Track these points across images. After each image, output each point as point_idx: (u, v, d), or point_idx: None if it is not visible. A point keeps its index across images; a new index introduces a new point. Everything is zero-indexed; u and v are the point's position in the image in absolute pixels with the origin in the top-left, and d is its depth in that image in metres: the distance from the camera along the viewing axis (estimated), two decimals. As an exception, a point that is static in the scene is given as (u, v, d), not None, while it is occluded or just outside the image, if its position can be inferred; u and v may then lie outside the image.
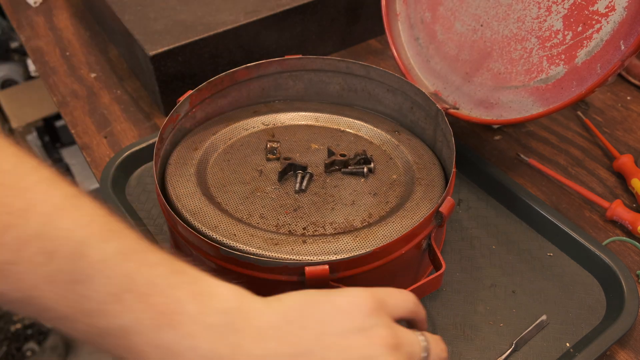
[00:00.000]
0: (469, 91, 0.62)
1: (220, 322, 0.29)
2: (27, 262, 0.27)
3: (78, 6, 0.93)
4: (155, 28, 0.69)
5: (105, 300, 0.27)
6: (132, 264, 0.28)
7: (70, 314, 0.28)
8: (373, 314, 0.32)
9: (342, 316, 0.32)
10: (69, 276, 0.27)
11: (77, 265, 0.27)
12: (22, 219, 0.27)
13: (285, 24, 0.73)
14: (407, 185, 0.54)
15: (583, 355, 0.45)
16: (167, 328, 0.28)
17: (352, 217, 0.50)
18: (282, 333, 0.30)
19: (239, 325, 0.29)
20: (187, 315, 0.28)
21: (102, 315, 0.28)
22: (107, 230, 0.29)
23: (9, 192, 0.27)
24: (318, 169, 0.55)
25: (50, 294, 0.27)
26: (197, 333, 0.28)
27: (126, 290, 0.28)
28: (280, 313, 0.31)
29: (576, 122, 0.71)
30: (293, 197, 0.52)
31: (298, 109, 0.63)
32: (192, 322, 0.28)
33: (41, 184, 0.29)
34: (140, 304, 0.28)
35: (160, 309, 0.28)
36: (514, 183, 0.59)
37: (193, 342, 0.28)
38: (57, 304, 0.27)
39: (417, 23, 0.66)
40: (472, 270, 0.54)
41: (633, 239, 0.56)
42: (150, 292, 0.28)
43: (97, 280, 0.27)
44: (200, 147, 0.56)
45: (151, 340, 0.28)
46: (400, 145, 0.58)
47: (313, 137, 0.60)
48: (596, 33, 0.50)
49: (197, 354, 0.28)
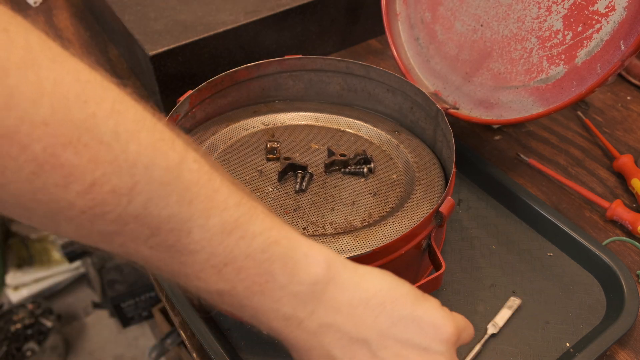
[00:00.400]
0: (469, 91, 0.62)
1: (305, 291, 0.32)
2: (130, 234, 0.28)
3: (78, 6, 0.93)
4: (155, 28, 0.69)
5: (205, 270, 0.30)
6: (232, 239, 0.30)
7: (169, 273, 0.31)
8: (444, 343, 0.33)
9: (416, 329, 0.33)
10: (173, 247, 0.29)
11: (182, 240, 0.29)
12: (127, 198, 0.27)
13: (285, 24, 0.73)
14: (407, 185, 0.54)
15: (583, 355, 0.45)
16: (258, 294, 0.31)
17: (352, 217, 0.50)
18: (355, 314, 0.32)
19: (321, 296, 0.32)
20: (277, 284, 0.31)
21: (200, 280, 0.31)
22: (210, 208, 0.30)
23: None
24: (318, 169, 0.55)
25: (153, 259, 0.30)
26: (283, 299, 0.31)
27: (225, 264, 0.30)
28: (363, 295, 0.33)
29: (576, 122, 0.71)
30: (293, 197, 0.52)
31: (298, 109, 0.63)
32: (281, 290, 0.31)
33: (161, 142, 0.29)
34: (237, 275, 0.30)
35: (254, 279, 0.31)
36: (514, 183, 0.59)
37: (277, 305, 0.31)
38: (158, 265, 0.30)
39: (417, 23, 0.66)
40: (472, 270, 0.54)
41: (633, 239, 0.56)
42: (247, 265, 0.31)
43: (200, 255, 0.30)
44: (200, 147, 0.56)
45: (241, 302, 0.31)
46: (400, 145, 0.58)
47: (313, 137, 0.60)
48: (596, 33, 0.50)
49: (279, 315, 0.32)
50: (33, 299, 1.54)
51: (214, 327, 0.48)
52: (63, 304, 1.65)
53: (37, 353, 1.41)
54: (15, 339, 1.42)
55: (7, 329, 1.44)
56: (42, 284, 1.61)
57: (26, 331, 1.44)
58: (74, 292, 1.68)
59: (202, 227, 0.29)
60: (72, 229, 0.28)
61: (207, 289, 0.31)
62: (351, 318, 0.32)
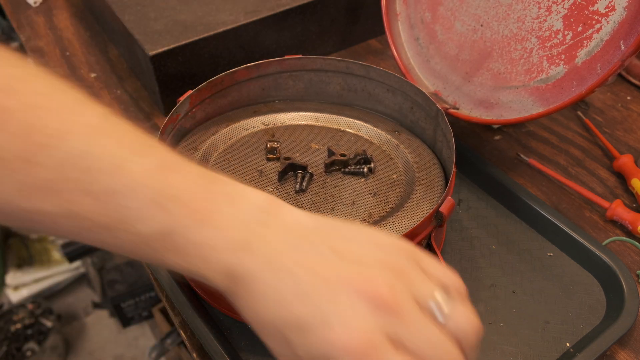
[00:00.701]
0: (469, 91, 0.62)
1: (252, 218, 0.31)
2: (66, 179, 0.28)
3: (78, 6, 0.93)
4: (155, 28, 0.69)
5: (147, 208, 0.29)
6: (172, 174, 0.30)
7: (110, 223, 0.29)
8: (403, 254, 0.31)
9: (372, 239, 0.32)
10: (109, 188, 0.29)
11: (118, 179, 0.29)
12: (59, 140, 0.28)
13: (285, 24, 0.73)
14: (407, 185, 0.54)
15: (583, 355, 0.45)
16: (205, 225, 0.30)
17: (352, 217, 0.50)
18: (306, 232, 0.31)
19: (268, 221, 0.31)
20: (224, 214, 0.30)
21: (143, 222, 0.29)
22: (147, 147, 0.31)
23: (45, 114, 0.29)
24: (318, 169, 0.55)
25: (91, 206, 0.29)
26: (231, 226, 0.30)
27: (168, 198, 0.30)
28: (311, 217, 0.32)
29: (576, 122, 0.71)
30: (293, 197, 0.52)
31: (298, 109, 0.63)
32: (228, 219, 0.30)
33: (76, 105, 0.30)
34: (181, 209, 0.30)
35: (200, 211, 0.30)
36: (514, 183, 0.59)
37: (226, 233, 0.30)
38: (98, 214, 0.29)
39: (417, 23, 0.66)
40: (472, 270, 0.54)
41: (633, 239, 0.56)
42: (191, 198, 0.30)
43: (139, 190, 0.29)
44: (200, 147, 0.56)
45: (191, 238, 0.30)
46: (400, 145, 0.58)
47: (313, 137, 0.60)
48: (596, 33, 0.50)
49: (227, 241, 0.30)
50: (33, 299, 1.54)
51: (214, 327, 0.48)
52: (63, 304, 1.65)
53: (37, 353, 1.41)
54: (15, 339, 1.43)
55: (7, 329, 1.44)
56: (42, 284, 1.61)
57: (26, 331, 1.44)
58: (74, 292, 1.68)
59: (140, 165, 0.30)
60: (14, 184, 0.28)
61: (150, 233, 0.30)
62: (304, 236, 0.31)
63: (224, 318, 0.50)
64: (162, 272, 0.51)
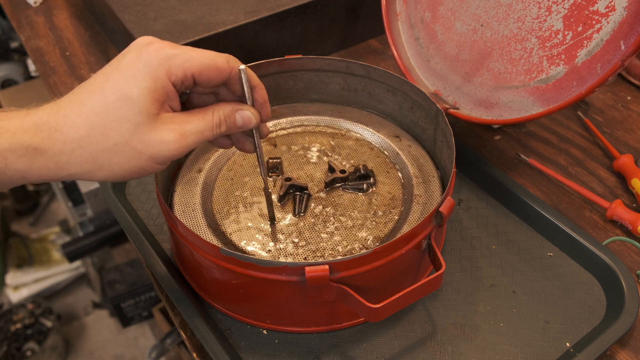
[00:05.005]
0: (469, 91, 0.62)
1: (36, 124, 0.38)
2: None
3: (78, 6, 0.93)
4: (155, 28, 0.69)
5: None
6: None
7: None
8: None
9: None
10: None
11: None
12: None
13: (285, 24, 0.73)
14: (405, 203, 0.54)
15: (583, 355, 0.45)
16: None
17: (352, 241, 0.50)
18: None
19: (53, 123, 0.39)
20: (9, 129, 0.37)
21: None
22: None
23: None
24: (319, 184, 0.55)
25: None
26: (19, 134, 0.37)
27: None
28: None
29: (576, 122, 0.71)
30: (294, 221, 0.52)
31: (299, 112, 0.63)
32: (14, 132, 0.37)
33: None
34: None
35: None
36: (514, 183, 0.59)
37: (15, 139, 0.36)
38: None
39: (417, 23, 0.66)
40: (472, 270, 0.54)
41: (633, 239, 0.56)
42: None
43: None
44: (204, 168, 0.56)
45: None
46: (400, 154, 0.58)
47: (313, 142, 0.60)
48: (596, 33, 0.50)
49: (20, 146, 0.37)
50: (33, 299, 1.54)
51: (214, 327, 0.48)
52: (63, 304, 1.65)
53: (37, 353, 1.41)
54: (15, 339, 1.43)
55: (7, 329, 1.44)
56: (42, 284, 1.61)
57: (26, 331, 1.44)
58: (74, 292, 1.68)
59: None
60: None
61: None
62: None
63: (224, 318, 0.50)
64: (162, 272, 0.51)
